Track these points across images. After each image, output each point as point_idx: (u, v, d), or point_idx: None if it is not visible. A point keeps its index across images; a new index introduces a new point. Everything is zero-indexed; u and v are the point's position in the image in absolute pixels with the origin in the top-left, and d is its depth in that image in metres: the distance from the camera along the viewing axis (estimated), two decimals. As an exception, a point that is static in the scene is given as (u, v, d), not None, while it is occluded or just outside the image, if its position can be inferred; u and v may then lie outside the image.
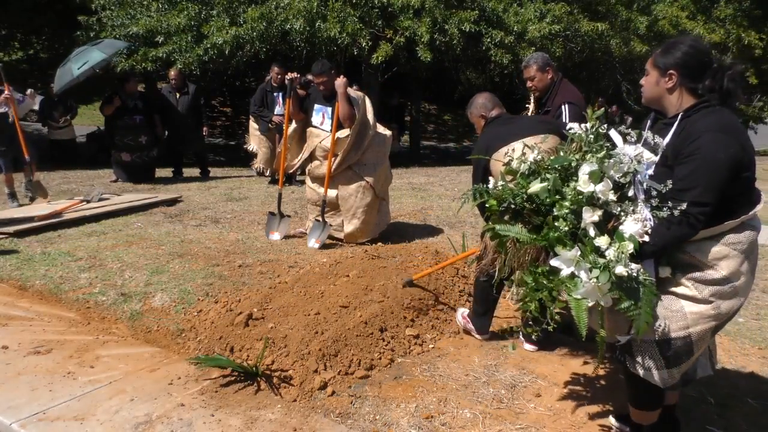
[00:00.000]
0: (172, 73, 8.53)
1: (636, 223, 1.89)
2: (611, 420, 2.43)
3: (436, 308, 3.50)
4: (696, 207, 1.86)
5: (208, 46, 9.29)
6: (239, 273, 3.99)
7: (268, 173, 8.17)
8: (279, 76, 7.71)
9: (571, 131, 2.12)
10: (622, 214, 1.93)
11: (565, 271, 1.90)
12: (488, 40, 9.50)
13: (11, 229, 4.97)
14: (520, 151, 2.22)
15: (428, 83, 14.99)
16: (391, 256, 4.06)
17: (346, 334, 2.98)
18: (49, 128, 10.62)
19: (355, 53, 9.72)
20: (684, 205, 1.86)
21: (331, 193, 4.74)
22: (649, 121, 2.22)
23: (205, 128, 8.79)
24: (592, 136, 2.04)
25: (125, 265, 4.17)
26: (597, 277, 1.84)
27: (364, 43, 9.17)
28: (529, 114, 3.78)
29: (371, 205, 4.75)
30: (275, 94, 7.75)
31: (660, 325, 1.97)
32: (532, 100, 3.80)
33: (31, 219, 5.22)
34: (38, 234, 5.01)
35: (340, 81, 4.53)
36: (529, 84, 3.68)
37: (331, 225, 4.80)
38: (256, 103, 7.91)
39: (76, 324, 3.40)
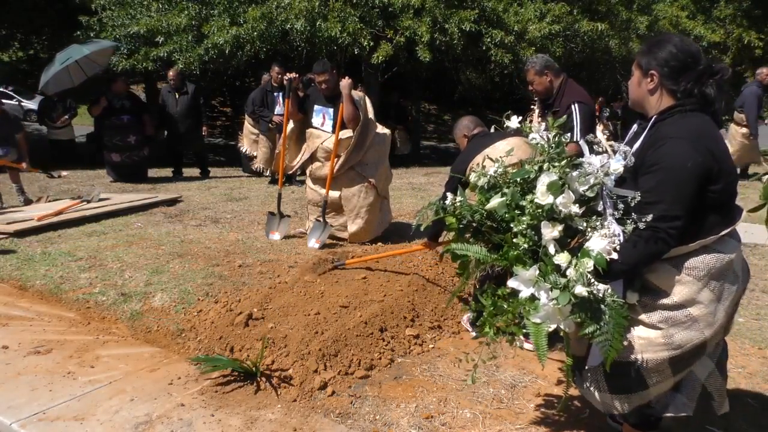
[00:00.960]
0: (171, 73, 8.53)
1: (603, 240, 1.71)
2: (608, 420, 2.43)
3: (436, 308, 3.50)
4: (665, 222, 1.71)
5: (209, 45, 9.29)
6: (239, 273, 3.99)
7: (268, 173, 8.17)
8: (279, 76, 7.72)
9: (533, 141, 1.97)
10: (589, 229, 1.75)
11: (524, 293, 1.73)
12: (488, 39, 9.50)
13: (11, 228, 4.97)
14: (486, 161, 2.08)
15: (428, 83, 14.99)
16: (391, 256, 4.06)
17: (346, 334, 2.98)
18: (48, 128, 10.63)
19: (356, 53, 9.71)
20: (649, 218, 1.70)
21: (334, 194, 4.74)
22: (634, 126, 2.02)
23: (204, 128, 8.80)
24: (554, 146, 1.91)
25: (125, 265, 4.17)
26: (556, 299, 1.66)
27: (364, 43, 9.17)
28: (535, 115, 3.79)
29: (374, 204, 4.76)
30: (275, 94, 7.75)
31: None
32: (537, 101, 3.82)
33: (31, 219, 5.23)
34: (38, 234, 5.01)
35: (345, 82, 4.50)
36: (529, 87, 3.71)
37: (332, 226, 4.80)
38: (255, 103, 7.91)
39: (76, 324, 3.40)
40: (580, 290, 1.65)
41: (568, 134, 1.96)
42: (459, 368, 2.88)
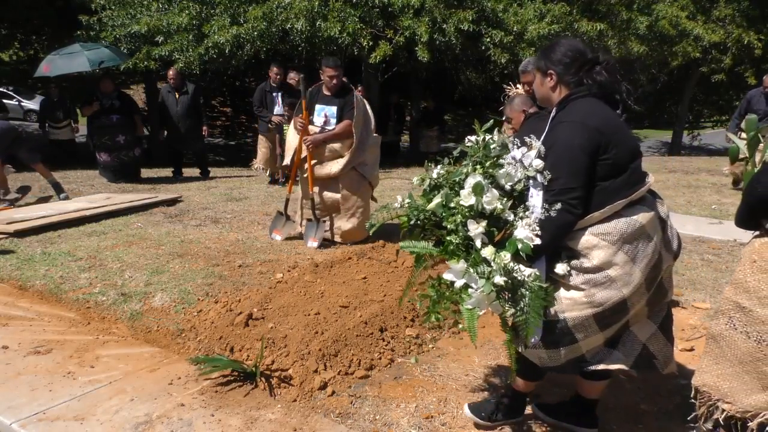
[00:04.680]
0: (171, 72, 8.52)
1: (526, 228, 1.94)
2: (532, 407, 2.49)
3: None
4: (564, 194, 1.96)
5: (209, 45, 9.29)
6: (239, 273, 3.99)
7: (268, 173, 8.17)
8: (278, 76, 7.72)
9: (468, 144, 2.17)
10: (517, 220, 1.97)
11: (458, 283, 1.94)
12: (488, 39, 9.50)
13: (11, 228, 4.97)
14: None
15: (428, 83, 14.99)
16: (391, 255, 4.06)
17: (346, 334, 2.98)
18: (48, 128, 10.64)
19: (355, 53, 9.72)
20: (553, 193, 1.96)
21: (333, 194, 4.73)
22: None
23: (204, 128, 8.78)
24: (482, 148, 2.12)
25: (125, 265, 4.17)
26: (482, 287, 1.88)
27: (364, 43, 9.17)
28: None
29: (367, 204, 4.80)
30: (275, 94, 7.75)
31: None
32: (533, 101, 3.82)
33: (31, 219, 5.23)
34: (38, 234, 5.01)
35: (318, 137, 4.59)
36: (527, 88, 3.72)
37: (324, 221, 4.79)
38: (255, 103, 7.91)
39: (76, 324, 3.40)
40: (499, 279, 1.87)
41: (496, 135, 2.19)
42: (459, 368, 2.88)
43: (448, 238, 2.00)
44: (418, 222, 2.14)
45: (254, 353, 2.86)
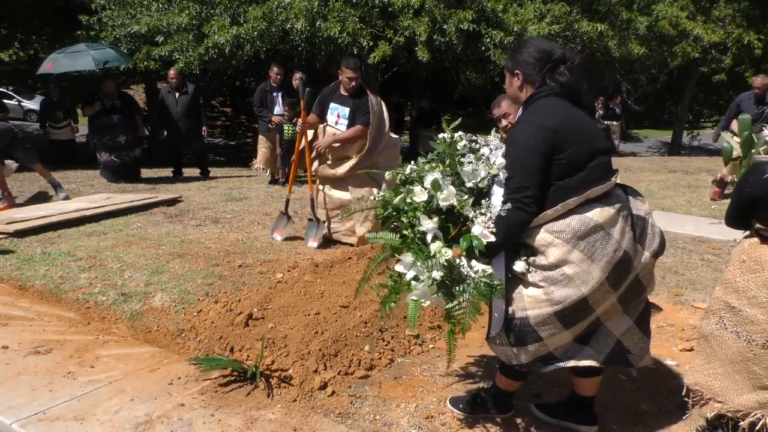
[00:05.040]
0: (172, 72, 8.52)
1: (481, 225, 2.00)
2: (532, 407, 2.51)
3: (436, 308, 3.50)
4: (519, 193, 2.00)
5: (209, 45, 9.29)
6: (239, 273, 4.00)
7: (268, 173, 8.18)
8: (279, 76, 7.72)
9: (437, 141, 2.26)
10: (476, 217, 2.03)
11: (408, 275, 2.04)
12: (488, 40, 9.49)
13: (11, 228, 4.97)
14: None
15: (428, 83, 15.00)
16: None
17: (346, 334, 2.98)
18: (48, 128, 10.64)
19: (355, 53, 9.71)
20: (509, 191, 2.02)
21: (344, 195, 4.71)
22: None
23: (204, 128, 8.78)
24: (452, 146, 2.20)
25: (125, 265, 4.17)
26: (425, 281, 1.99)
27: (364, 43, 9.17)
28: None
29: None
30: (275, 94, 7.75)
31: (509, 306, 2.09)
32: None
33: (31, 218, 5.23)
34: (38, 234, 5.01)
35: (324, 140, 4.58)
36: None
37: (325, 222, 4.79)
38: (255, 103, 7.91)
39: (76, 324, 3.40)
40: (436, 274, 1.96)
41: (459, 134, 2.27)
42: (459, 368, 2.89)
43: (404, 231, 2.11)
44: (389, 215, 2.24)
45: (254, 353, 2.86)
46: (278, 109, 7.68)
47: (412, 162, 2.28)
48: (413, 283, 2.03)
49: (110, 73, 8.48)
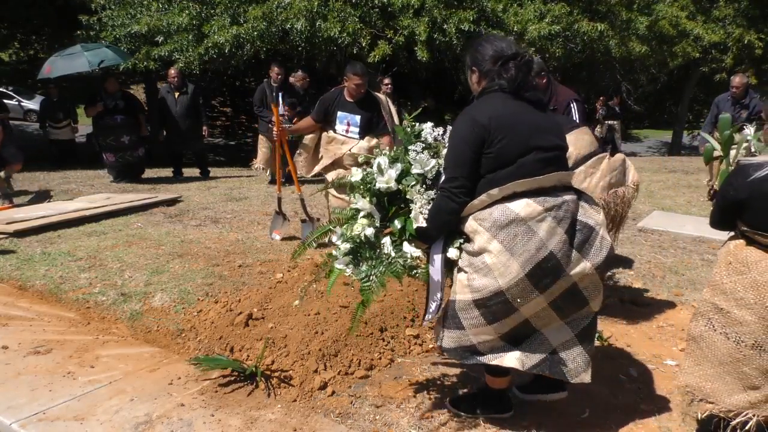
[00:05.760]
0: (172, 71, 8.51)
1: (416, 210, 2.18)
2: (447, 404, 2.53)
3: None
4: (448, 183, 2.13)
5: (209, 45, 9.28)
6: (239, 273, 4.00)
7: (268, 173, 8.17)
8: (279, 76, 7.71)
9: (398, 128, 2.44)
10: (417, 201, 2.20)
11: (341, 246, 2.30)
12: (488, 40, 9.49)
13: (11, 228, 4.97)
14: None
15: (428, 83, 14.97)
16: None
17: (346, 334, 2.98)
18: (48, 128, 10.65)
19: (355, 53, 9.71)
20: (443, 183, 2.15)
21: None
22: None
23: (204, 128, 8.77)
24: (406, 135, 2.38)
25: (125, 265, 4.17)
26: (340, 250, 2.26)
27: (364, 43, 9.17)
28: None
29: None
30: (275, 94, 7.74)
31: (452, 287, 2.22)
32: None
33: (31, 218, 5.23)
34: (38, 234, 5.01)
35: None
36: None
37: (319, 220, 4.80)
38: (255, 103, 7.91)
39: (76, 324, 3.40)
40: (344, 246, 2.22)
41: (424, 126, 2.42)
42: (459, 368, 2.88)
43: (350, 206, 2.36)
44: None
45: (254, 353, 2.86)
46: (279, 109, 7.67)
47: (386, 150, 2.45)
48: (334, 252, 2.29)
49: (112, 73, 8.48)
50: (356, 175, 2.30)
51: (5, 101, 8.50)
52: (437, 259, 2.18)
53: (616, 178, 3.22)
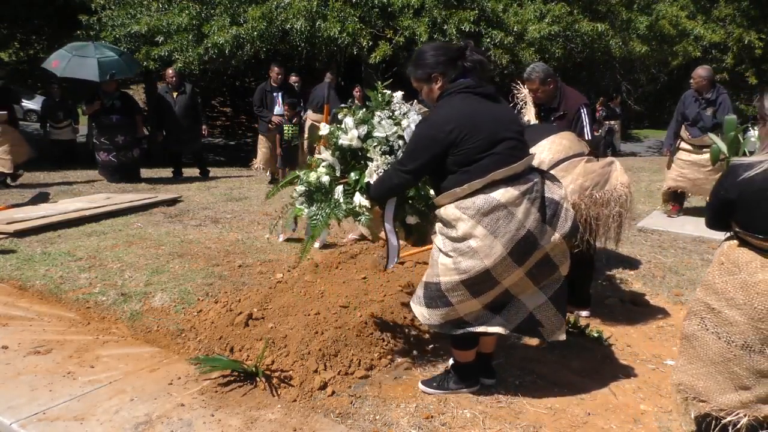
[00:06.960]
0: (170, 71, 8.50)
1: (373, 169, 2.49)
2: (420, 385, 2.67)
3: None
4: (399, 166, 2.38)
5: (209, 45, 9.29)
6: (239, 273, 4.00)
7: (268, 173, 8.17)
8: (279, 76, 7.72)
9: (371, 92, 2.77)
10: (375, 161, 2.50)
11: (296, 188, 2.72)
12: (488, 40, 9.50)
13: (11, 228, 4.97)
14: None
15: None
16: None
17: (346, 334, 2.98)
18: (49, 128, 10.64)
19: (355, 53, 9.72)
20: (397, 163, 2.41)
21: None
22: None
23: (204, 128, 8.76)
24: (374, 101, 2.71)
25: (125, 265, 4.17)
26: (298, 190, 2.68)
27: (364, 43, 9.17)
28: (531, 117, 3.81)
29: None
30: (275, 94, 7.74)
31: (430, 270, 2.40)
32: (530, 105, 3.84)
33: (31, 218, 5.23)
34: (38, 234, 5.01)
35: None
36: (532, 95, 3.75)
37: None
38: (255, 103, 7.91)
39: (76, 324, 3.40)
40: (300, 189, 2.64)
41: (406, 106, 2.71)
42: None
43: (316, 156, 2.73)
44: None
45: (254, 353, 2.86)
46: (278, 109, 7.68)
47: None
48: (294, 193, 2.68)
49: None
50: (324, 130, 2.63)
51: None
52: (389, 227, 2.54)
53: (592, 181, 3.15)
